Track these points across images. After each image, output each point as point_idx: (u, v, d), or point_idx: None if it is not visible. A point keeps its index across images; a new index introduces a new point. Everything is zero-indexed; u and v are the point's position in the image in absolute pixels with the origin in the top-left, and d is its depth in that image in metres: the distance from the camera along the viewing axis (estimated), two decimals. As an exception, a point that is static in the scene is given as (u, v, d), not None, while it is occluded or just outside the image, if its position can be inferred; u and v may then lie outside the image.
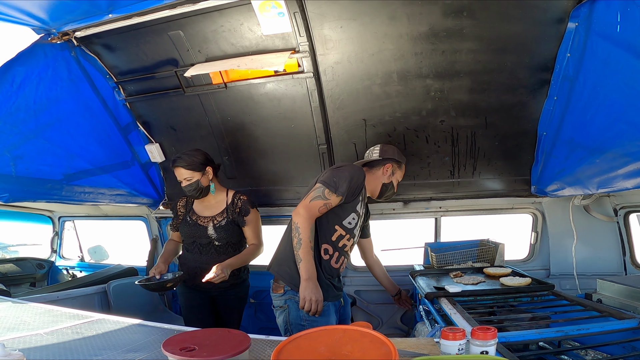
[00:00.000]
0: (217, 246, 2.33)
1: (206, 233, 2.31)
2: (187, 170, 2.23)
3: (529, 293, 1.98)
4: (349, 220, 1.86)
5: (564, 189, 2.26)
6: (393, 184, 2.10)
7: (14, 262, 3.49)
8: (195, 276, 2.26)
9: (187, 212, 2.38)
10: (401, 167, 2.14)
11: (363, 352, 0.88)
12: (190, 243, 2.35)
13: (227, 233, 2.32)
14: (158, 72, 2.51)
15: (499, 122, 2.38)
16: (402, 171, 2.15)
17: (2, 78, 2.03)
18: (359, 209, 1.90)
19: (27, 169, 2.26)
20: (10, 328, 1.24)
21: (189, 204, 2.40)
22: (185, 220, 2.36)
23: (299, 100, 2.47)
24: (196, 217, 2.35)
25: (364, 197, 1.96)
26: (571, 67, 1.96)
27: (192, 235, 2.33)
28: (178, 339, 0.92)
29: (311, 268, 1.70)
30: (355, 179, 1.82)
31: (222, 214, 2.34)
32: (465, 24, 1.99)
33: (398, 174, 2.13)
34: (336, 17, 2.06)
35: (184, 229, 2.36)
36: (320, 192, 1.75)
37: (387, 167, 2.07)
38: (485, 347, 0.92)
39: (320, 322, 1.75)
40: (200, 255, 2.32)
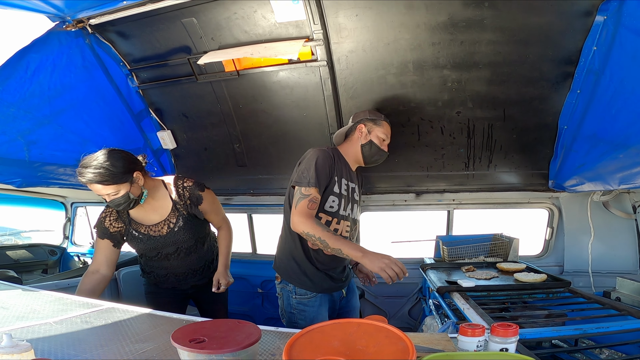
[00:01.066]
0: (187, 248, 1.96)
1: (168, 242, 1.90)
2: (107, 186, 1.66)
3: (545, 290, 1.95)
4: (329, 204, 1.73)
5: (584, 184, 2.20)
6: (373, 142, 1.88)
7: (26, 248, 3.53)
8: (167, 280, 2.01)
9: (128, 226, 1.88)
10: (377, 122, 1.92)
11: (378, 347, 0.86)
12: (153, 255, 1.95)
13: (191, 231, 1.93)
14: (171, 60, 2.49)
15: (518, 115, 2.32)
16: (381, 127, 1.91)
17: (16, 65, 2.03)
18: (337, 189, 1.75)
19: (41, 154, 2.28)
20: (20, 317, 1.25)
21: (123, 216, 1.88)
22: (130, 236, 1.89)
23: (312, 88, 2.43)
24: (145, 229, 1.88)
25: (342, 174, 1.79)
26: (597, 61, 1.90)
27: (152, 248, 1.91)
28: (187, 330, 0.90)
29: (352, 245, 1.57)
30: (320, 161, 1.68)
31: (173, 214, 1.89)
32: (487, 15, 1.93)
33: (376, 130, 1.90)
34: (352, 5, 2.02)
35: (136, 246, 1.92)
36: (298, 193, 1.66)
37: (360, 128, 1.90)
38: (506, 345, 0.90)
39: (308, 312, 1.74)
40: (168, 261, 1.96)
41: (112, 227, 1.87)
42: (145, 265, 2.02)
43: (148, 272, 2.03)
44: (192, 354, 0.83)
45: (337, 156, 1.80)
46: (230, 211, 3.30)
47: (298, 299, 1.75)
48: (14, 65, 2.02)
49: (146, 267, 2.02)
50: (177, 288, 2.01)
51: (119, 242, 1.91)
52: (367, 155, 1.89)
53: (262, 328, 1.01)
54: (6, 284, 1.77)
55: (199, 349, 0.82)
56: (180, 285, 2.01)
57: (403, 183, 2.77)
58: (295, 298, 1.76)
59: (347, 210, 1.81)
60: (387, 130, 1.95)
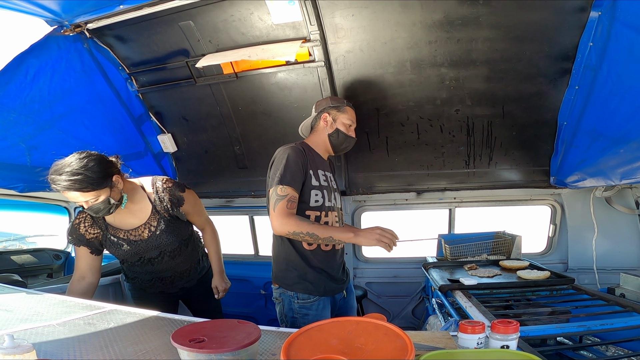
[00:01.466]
0: (171, 251, 1.87)
1: (150, 246, 1.80)
2: (86, 193, 1.55)
3: (548, 287, 1.93)
4: (313, 199, 1.67)
5: (585, 179, 2.19)
6: (340, 130, 1.81)
7: (31, 253, 3.55)
8: (153, 285, 1.91)
9: (105, 231, 1.76)
10: (341, 109, 1.84)
11: (377, 344, 0.86)
12: (135, 261, 1.84)
13: (174, 234, 1.84)
14: (169, 63, 2.50)
15: (517, 112, 2.31)
16: (345, 113, 1.84)
17: (16, 70, 2.04)
18: (316, 182, 1.69)
19: (42, 159, 2.29)
20: (23, 319, 1.25)
21: (99, 221, 1.76)
22: (109, 242, 1.76)
23: (310, 89, 2.44)
24: (124, 234, 1.77)
25: (317, 166, 1.74)
26: (594, 56, 1.89)
27: (133, 254, 1.80)
28: (187, 330, 0.91)
29: (340, 228, 1.61)
30: (291, 158, 1.62)
31: (154, 217, 1.79)
32: (482, 12, 1.93)
33: (341, 117, 1.83)
34: (347, 5, 2.02)
35: (116, 252, 1.80)
36: (274, 195, 1.58)
37: (324, 117, 1.83)
38: (506, 342, 0.89)
39: (311, 315, 1.69)
40: (152, 266, 1.86)
41: (88, 233, 1.74)
42: (128, 270, 1.92)
43: (132, 277, 1.93)
44: (192, 354, 0.83)
45: (308, 149, 1.75)
46: (232, 213, 3.31)
47: (300, 303, 1.69)
48: (13, 70, 2.03)
49: (129, 272, 1.93)
50: (165, 292, 1.93)
51: (97, 249, 1.79)
52: (336, 143, 1.83)
53: (263, 328, 1.01)
54: (11, 287, 1.78)
55: (199, 349, 0.82)
56: (168, 289, 1.93)
57: (404, 182, 2.77)
58: (298, 303, 1.70)
59: (332, 200, 1.76)
60: (351, 115, 1.88)
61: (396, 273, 2.93)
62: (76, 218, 1.77)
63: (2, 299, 1.53)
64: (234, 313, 3.18)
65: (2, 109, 2.04)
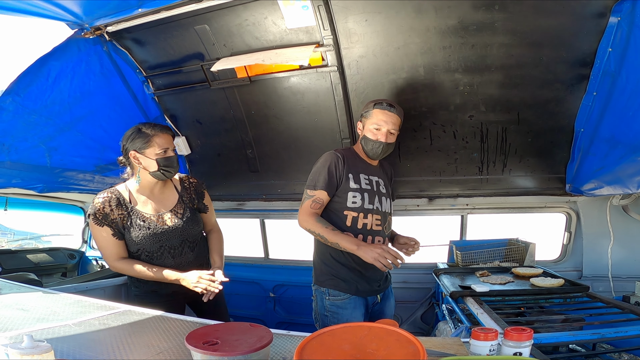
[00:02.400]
0: (190, 243, 1.86)
1: (175, 233, 1.80)
2: (171, 137, 1.79)
3: (562, 294, 1.90)
4: (350, 200, 1.76)
5: (602, 187, 2.15)
6: (367, 136, 1.82)
7: (47, 252, 3.62)
8: (168, 285, 1.80)
9: (131, 213, 1.74)
10: (367, 114, 1.85)
11: (389, 350, 0.85)
12: (155, 250, 1.78)
13: (197, 224, 1.88)
14: (185, 66, 2.54)
15: (533, 118, 2.28)
16: (370, 118, 1.82)
17: (38, 72, 2.10)
18: (355, 185, 1.78)
19: (61, 160, 2.35)
20: (40, 319, 1.28)
21: (123, 205, 1.74)
22: (134, 225, 1.73)
23: (323, 94, 2.45)
24: (149, 218, 1.76)
25: (359, 170, 1.83)
26: (613, 62, 1.86)
27: (156, 241, 1.76)
28: (200, 332, 0.92)
29: (348, 238, 1.66)
30: (329, 165, 1.77)
31: (180, 206, 1.85)
32: (497, 17, 1.92)
33: (367, 123, 1.84)
34: (361, 10, 2.03)
35: (137, 237, 1.73)
36: (305, 194, 1.79)
37: (358, 126, 1.91)
38: (519, 349, 0.88)
39: (342, 315, 1.73)
40: (173, 259, 1.80)
41: (113, 213, 1.69)
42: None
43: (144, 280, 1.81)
44: (206, 356, 0.84)
45: (351, 155, 1.86)
46: (243, 216, 3.34)
47: (331, 300, 1.76)
48: (35, 73, 2.09)
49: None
50: (178, 292, 1.82)
51: (120, 233, 1.73)
52: (366, 151, 1.86)
53: (273, 331, 1.02)
54: (27, 286, 1.82)
55: (212, 352, 0.83)
56: (181, 288, 1.80)
57: (415, 188, 2.75)
58: (329, 299, 1.76)
59: (375, 204, 1.81)
60: (377, 118, 1.81)
61: (405, 278, 2.91)
62: (100, 197, 1.71)
63: (19, 297, 1.56)
64: (243, 315, 3.20)
65: (23, 111, 2.10)
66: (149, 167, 1.72)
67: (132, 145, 1.72)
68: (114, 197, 1.72)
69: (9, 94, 2.02)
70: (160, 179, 1.79)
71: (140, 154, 1.71)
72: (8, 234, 5.85)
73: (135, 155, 1.72)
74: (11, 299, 1.53)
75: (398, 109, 1.83)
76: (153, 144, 1.71)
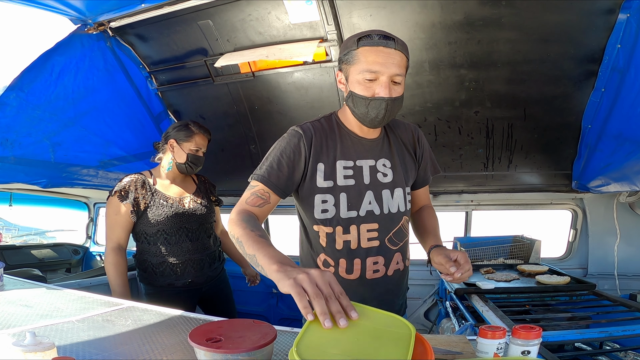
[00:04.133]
0: (208, 227, 2.00)
1: (194, 216, 1.92)
2: (207, 141, 1.98)
3: (568, 292, 1.89)
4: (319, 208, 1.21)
5: (609, 184, 2.13)
6: (354, 92, 1.13)
7: (51, 247, 3.64)
8: (184, 272, 1.89)
9: (154, 194, 1.86)
10: (350, 59, 1.12)
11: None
12: (175, 232, 1.87)
13: (212, 212, 2.03)
14: (188, 62, 2.53)
15: (539, 114, 2.26)
16: (355, 64, 1.11)
17: (42, 67, 2.09)
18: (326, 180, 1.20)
19: (65, 155, 2.35)
20: (44, 315, 1.28)
21: (147, 186, 1.86)
22: (158, 203, 1.85)
23: (327, 89, 2.43)
24: (172, 200, 1.88)
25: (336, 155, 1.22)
26: (621, 59, 1.84)
27: (176, 222, 1.86)
28: (204, 329, 0.91)
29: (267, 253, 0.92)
30: (282, 151, 1.19)
31: (198, 194, 2.00)
32: (504, 13, 1.89)
33: (351, 71, 1.13)
34: (365, 5, 2.01)
35: (162, 216, 1.84)
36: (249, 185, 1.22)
37: (339, 79, 1.21)
38: (527, 347, 0.87)
39: None
40: (191, 243, 1.91)
41: (137, 192, 1.82)
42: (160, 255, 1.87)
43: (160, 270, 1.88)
44: (209, 353, 0.83)
45: (328, 130, 1.24)
46: (247, 212, 3.33)
47: None
48: (39, 68, 2.08)
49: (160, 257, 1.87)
50: (194, 282, 1.92)
51: (137, 212, 1.82)
52: (357, 115, 1.18)
53: (277, 328, 1.01)
54: (31, 282, 1.82)
55: (216, 349, 0.83)
56: (197, 277, 1.92)
57: (419, 184, 2.73)
58: None
59: (365, 206, 1.22)
60: (367, 61, 1.09)
61: (409, 275, 2.89)
62: (126, 178, 1.85)
63: (23, 294, 1.56)
64: (245, 311, 3.21)
65: (27, 106, 2.10)
66: (179, 157, 1.90)
67: (175, 135, 1.90)
68: (139, 179, 1.86)
69: (13, 89, 2.02)
70: (182, 172, 1.94)
71: (178, 145, 1.90)
72: (12, 230, 5.89)
73: (172, 144, 1.90)
74: (15, 295, 1.53)
75: (399, 42, 1.10)
76: (192, 140, 1.90)
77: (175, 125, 1.95)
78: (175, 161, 1.90)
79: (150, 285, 1.92)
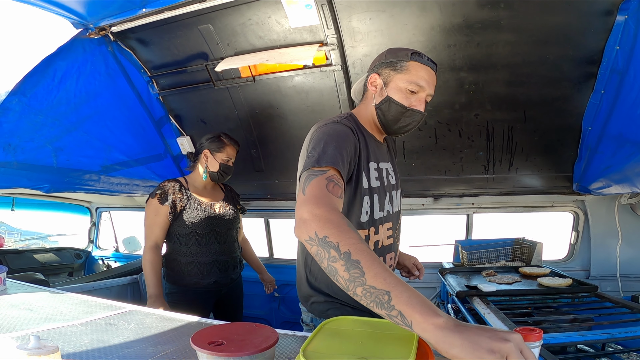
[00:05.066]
0: (235, 232, 2.21)
1: (223, 220, 2.12)
2: (236, 152, 2.19)
3: (570, 294, 1.88)
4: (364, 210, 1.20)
5: (610, 186, 2.12)
6: (392, 98, 1.19)
7: (53, 251, 3.65)
8: (210, 271, 2.06)
9: (189, 198, 2.05)
10: (398, 66, 1.20)
11: (395, 350, 0.85)
12: (206, 234, 2.06)
13: (238, 218, 2.24)
14: (189, 66, 2.55)
15: (539, 116, 2.26)
16: (404, 72, 1.19)
17: (44, 72, 2.11)
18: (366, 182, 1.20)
19: (68, 160, 2.36)
20: (47, 319, 1.28)
21: (183, 191, 2.05)
22: (192, 207, 2.04)
23: (327, 93, 2.44)
24: (204, 205, 2.08)
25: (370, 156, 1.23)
26: (620, 61, 1.84)
27: (208, 224, 2.05)
28: (206, 332, 0.92)
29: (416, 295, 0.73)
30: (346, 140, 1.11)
31: (226, 202, 2.20)
32: (503, 15, 1.90)
33: (397, 79, 1.20)
34: (364, 9, 2.02)
35: (194, 218, 2.03)
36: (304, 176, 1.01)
37: (372, 80, 1.26)
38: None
39: None
40: (219, 245, 2.10)
41: (175, 195, 2.01)
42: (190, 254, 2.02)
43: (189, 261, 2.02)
44: (211, 357, 0.84)
45: (356, 125, 1.23)
46: (248, 216, 3.33)
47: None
48: (41, 73, 2.09)
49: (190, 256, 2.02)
50: (218, 282, 2.09)
51: (174, 214, 2.01)
52: (385, 119, 1.22)
53: (278, 331, 1.01)
54: (34, 286, 1.83)
55: (218, 352, 0.83)
56: (222, 277, 2.11)
57: (420, 187, 2.73)
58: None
59: (386, 206, 1.27)
60: (417, 75, 1.18)
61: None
62: (164, 183, 2.04)
63: (26, 297, 1.57)
64: (247, 315, 3.19)
65: (29, 111, 2.11)
66: (212, 166, 2.11)
67: (209, 146, 2.11)
68: (176, 184, 2.05)
69: (15, 94, 2.03)
70: (214, 180, 2.17)
71: (211, 155, 2.11)
72: (15, 234, 5.91)
73: (206, 154, 2.11)
74: (18, 298, 1.54)
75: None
76: (224, 151, 2.12)
77: (209, 137, 2.14)
78: (208, 170, 2.11)
79: (175, 285, 2.06)
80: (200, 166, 2.14)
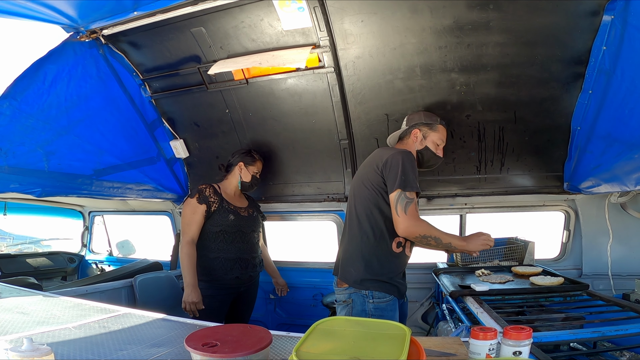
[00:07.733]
0: (257, 235, 2.51)
1: (249, 222, 2.43)
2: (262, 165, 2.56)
3: (562, 293, 1.90)
4: None
5: (600, 185, 2.15)
6: (429, 148, 1.93)
7: (46, 256, 3.62)
8: (233, 267, 2.33)
9: (222, 201, 2.36)
10: (433, 127, 1.95)
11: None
12: (233, 233, 2.35)
13: (260, 222, 2.55)
14: (182, 69, 2.54)
15: (529, 117, 2.29)
16: (437, 132, 1.95)
17: (34, 76, 2.09)
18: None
19: (59, 164, 2.33)
20: (40, 322, 1.28)
21: (218, 194, 2.37)
22: (224, 209, 2.34)
23: (320, 95, 2.45)
24: (234, 208, 2.39)
25: None
26: (607, 61, 1.87)
27: (236, 224, 2.36)
28: (200, 334, 0.92)
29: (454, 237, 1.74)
30: (412, 164, 1.71)
31: (251, 207, 2.52)
32: (492, 17, 1.93)
33: (432, 135, 1.94)
34: (356, 11, 2.03)
35: (226, 218, 2.33)
36: (403, 197, 1.64)
37: (415, 133, 1.94)
38: (519, 348, 0.88)
39: (386, 317, 1.68)
40: (244, 244, 2.40)
41: (210, 197, 2.32)
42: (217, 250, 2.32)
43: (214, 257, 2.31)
44: (205, 358, 0.84)
45: None
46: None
47: (376, 302, 1.70)
48: (32, 76, 2.08)
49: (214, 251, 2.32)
50: (239, 278, 2.36)
51: (209, 213, 2.30)
52: (422, 161, 1.95)
53: (273, 333, 1.02)
54: (27, 290, 1.81)
55: (212, 353, 0.83)
56: (243, 274, 2.37)
57: (414, 187, 2.75)
58: (373, 302, 1.70)
59: None
60: (443, 135, 1.98)
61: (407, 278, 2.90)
62: (202, 186, 2.35)
63: (19, 301, 1.56)
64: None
65: (20, 115, 2.09)
66: (245, 177, 2.48)
67: (243, 159, 2.48)
68: (212, 188, 2.37)
69: (6, 98, 2.02)
70: (244, 189, 2.53)
71: (245, 167, 2.48)
72: (7, 239, 5.83)
73: (241, 166, 2.47)
74: (11, 302, 1.53)
75: None
76: (255, 165, 2.51)
77: (242, 151, 2.53)
78: (242, 180, 2.46)
79: (200, 282, 2.25)
80: (233, 176, 2.47)
